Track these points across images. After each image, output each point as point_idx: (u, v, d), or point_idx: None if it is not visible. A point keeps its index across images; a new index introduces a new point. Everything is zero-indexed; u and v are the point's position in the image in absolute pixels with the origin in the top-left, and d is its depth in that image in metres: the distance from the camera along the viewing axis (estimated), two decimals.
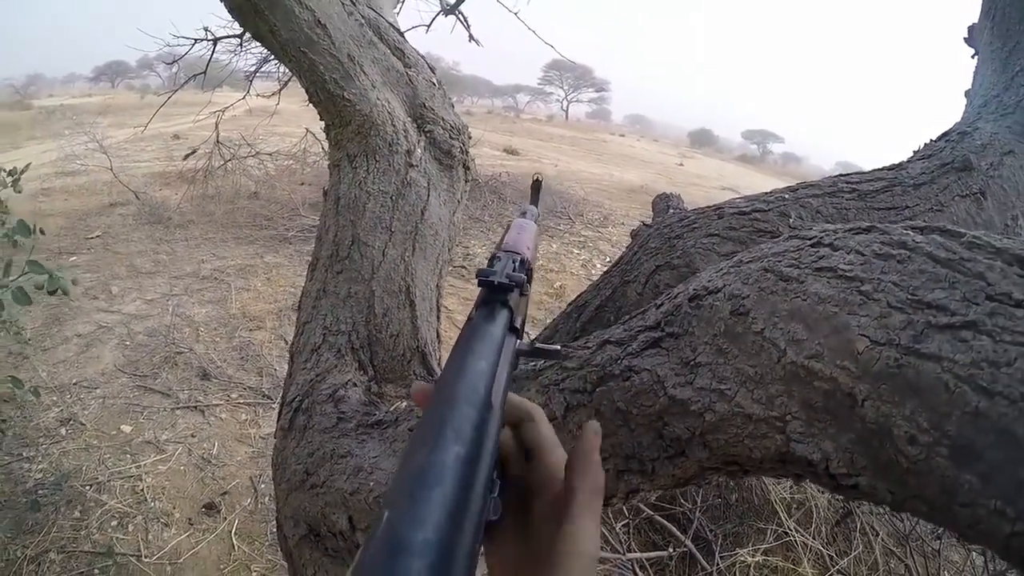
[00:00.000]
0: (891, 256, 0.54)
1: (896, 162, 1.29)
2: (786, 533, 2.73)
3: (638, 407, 0.65)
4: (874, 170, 1.23)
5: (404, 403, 1.17)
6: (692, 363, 0.62)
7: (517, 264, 0.60)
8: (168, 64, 5.79)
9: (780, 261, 0.60)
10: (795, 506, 2.92)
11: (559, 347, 0.55)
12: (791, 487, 2.99)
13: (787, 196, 1.10)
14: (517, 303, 0.56)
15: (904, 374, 0.47)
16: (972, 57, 1.56)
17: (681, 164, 24.56)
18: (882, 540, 2.77)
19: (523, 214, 0.83)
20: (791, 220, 1.04)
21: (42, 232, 1.87)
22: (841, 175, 1.20)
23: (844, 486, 0.53)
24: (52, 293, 1.68)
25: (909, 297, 0.50)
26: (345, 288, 1.32)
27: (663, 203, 1.51)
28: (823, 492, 3.00)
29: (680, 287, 0.71)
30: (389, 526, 0.28)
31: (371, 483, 0.99)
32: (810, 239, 0.61)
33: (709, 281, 0.66)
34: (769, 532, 2.75)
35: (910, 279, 0.51)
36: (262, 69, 6.55)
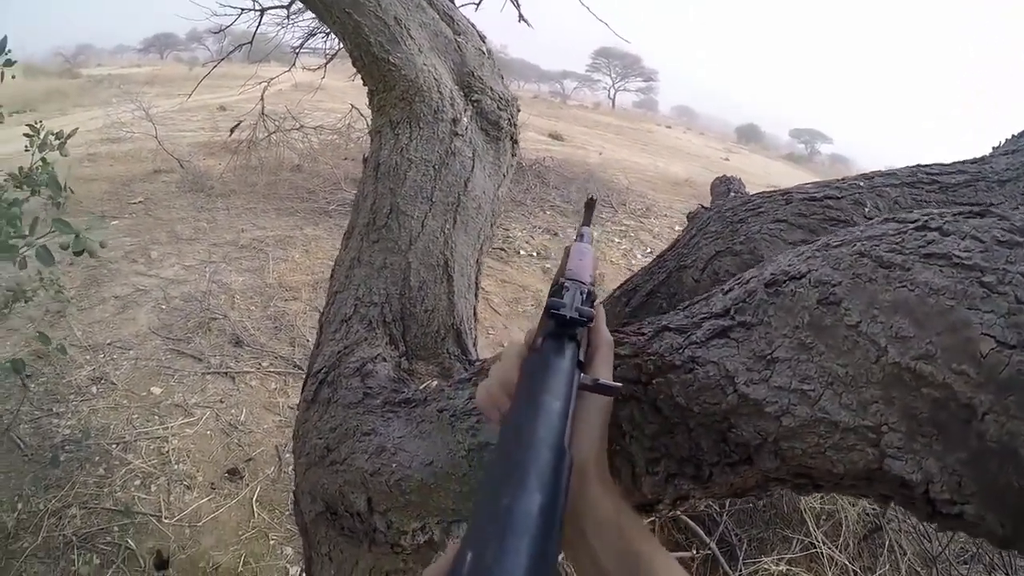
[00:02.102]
0: (1017, 244, 0.44)
1: (978, 156, 1.19)
2: (812, 544, 2.65)
3: (701, 404, 0.58)
4: (955, 162, 1.14)
5: (435, 382, 1.11)
6: (768, 358, 0.54)
7: (585, 297, 0.60)
8: (215, 33, 5.80)
9: (878, 246, 0.51)
10: (824, 516, 2.84)
11: (620, 384, 0.53)
12: (822, 497, 2.90)
13: (862, 184, 1.01)
14: (584, 337, 0.57)
15: None
16: None
17: (727, 159, 24.13)
18: (909, 560, 2.68)
19: (580, 237, 0.81)
20: (866, 210, 0.96)
21: (72, 191, 1.84)
22: (920, 165, 1.11)
23: (944, 514, 0.45)
24: (78, 254, 1.64)
25: None
26: (380, 258, 1.26)
27: (723, 186, 1.42)
28: (854, 504, 2.90)
29: (752, 272, 0.63)
30: (480, 573, 0.30)
31: (393, 465, 0.94)
32: (912, 222, 0.53)
33: (789, 265, 0.57)
34: (796, 541, 2.68)
35: None
36: (308, 44, 6.55)
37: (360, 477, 1.00)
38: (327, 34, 5.95)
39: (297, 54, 6.40)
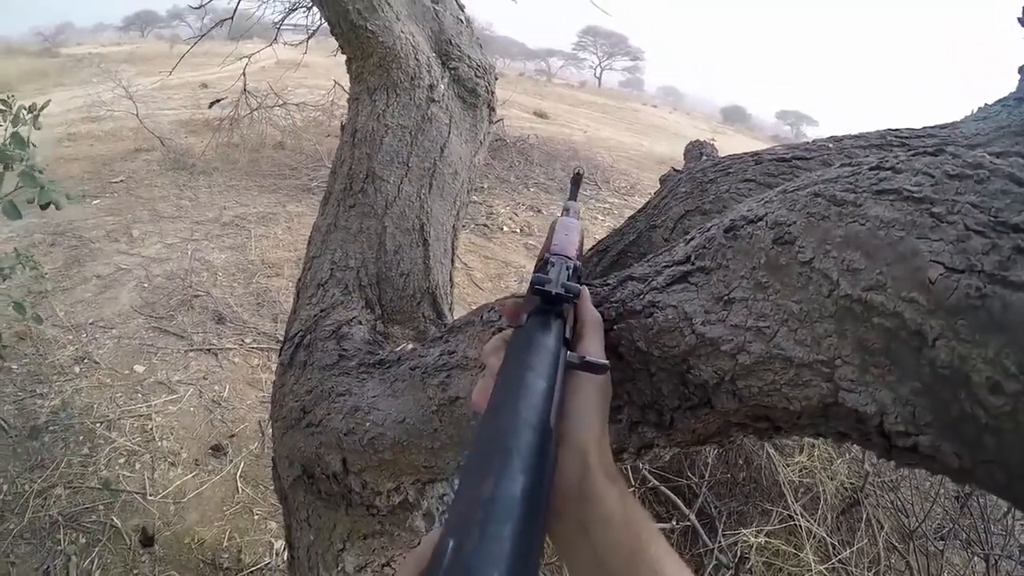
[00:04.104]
0: (967, 176, 0.45)
1: (949, 121, 1.19)
2: (791, 517, 2.67)
3: (660, 347, 0.58)
4: (925, 127, 1.14)
5: (410, 344, 1.11)
6: (725, 299, 0.54)
7: (571, 272, 0.59)
8: (195, 9, 5.69)
9: (833, 186, 0.52)
10: (803, 490, 2.85)
11: (607, 362, 0.51)
12: (801, 469, 2.93)
13: (831, 146, 1.02)
14: (570, 313, 0.55)
15: (988, 307, 0.38)
16: None
17: (713, 139, 24.05)
18: (886, 534, 2.70)
19: (565, 211, 0.79)
20: None
21: (34, 145, 1.81)
22: (891, 129, 1.11)
23: (899, 447, 0.45)
24: (44, 207, 1.62)
25: (991, 219, 0.41)
26: (357, 223, 1.26)
27: (696, 150, 1.42)
28: (832, 478, 2.93)
29: (714, 220, 0.63)
30: (461, 561, 0.29)
31: (367, 424, 0.94)
32: (868, 164, 0.53)
33: (749, 211, 0.58)
34: (774, 514, 2.69)
35: (991, 200, 0.42)
36: (290, 20, 6.45)
37: (335, 438, 1.01)
38: (308, 8, 5.88)
39: (279, 29, 6.30)
